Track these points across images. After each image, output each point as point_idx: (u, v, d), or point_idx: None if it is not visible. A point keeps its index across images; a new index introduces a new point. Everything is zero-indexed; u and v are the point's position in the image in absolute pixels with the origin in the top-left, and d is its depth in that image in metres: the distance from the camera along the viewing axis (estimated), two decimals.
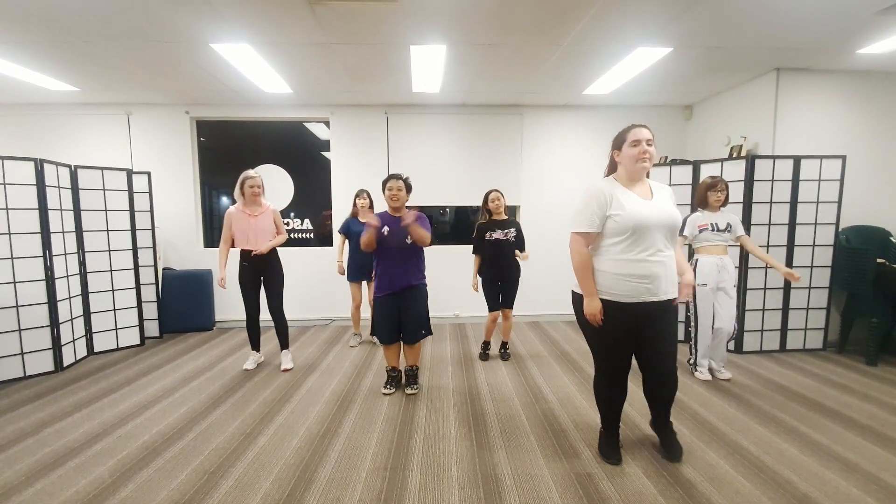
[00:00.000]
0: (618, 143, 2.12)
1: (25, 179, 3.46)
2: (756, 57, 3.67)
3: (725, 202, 3.25)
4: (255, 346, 3.70)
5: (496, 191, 3.72)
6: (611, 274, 2.06)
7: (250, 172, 3.43)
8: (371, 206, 4.10)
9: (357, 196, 4.10)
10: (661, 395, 2.25)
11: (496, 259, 3.64)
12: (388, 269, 3.01)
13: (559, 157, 5.23)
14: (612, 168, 2.22)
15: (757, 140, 4.14)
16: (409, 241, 2.98)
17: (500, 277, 3.69)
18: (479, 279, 3.73)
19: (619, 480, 2.08)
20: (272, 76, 4.00)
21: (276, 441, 2.46)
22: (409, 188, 3.05)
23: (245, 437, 2.50)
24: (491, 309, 3.73)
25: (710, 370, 3.36)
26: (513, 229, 3.67)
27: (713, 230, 3.19)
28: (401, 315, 3.05)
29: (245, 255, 3.44)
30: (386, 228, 2.97)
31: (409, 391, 3.13)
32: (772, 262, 3.14)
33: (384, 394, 3.10)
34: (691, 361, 3.41)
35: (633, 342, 2.13)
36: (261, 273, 3.51)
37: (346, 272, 4.17)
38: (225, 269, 3.44)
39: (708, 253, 3.23)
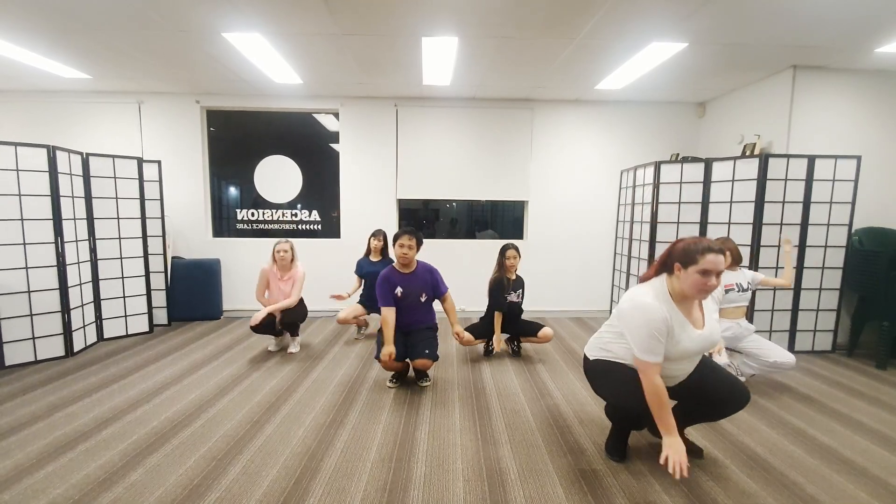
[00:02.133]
0: (685, 260, 1.80)
1: (38, 166, 3.49)
2: (773, 54, 3.61)
3: (738, 262, 3.03)
4: (275, 335, 3.86)
5: (514, 248, 3.67)
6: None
7: (281, 240, 3.73)
8: (385, 247, 4.16)
9: (372, 237, 4.19)
10: (710, 415, 2.18)
11: (509, 320, 3.73)
12: (401, 319, 3.02)
13: (569, 152, 5.19)
14: (659, 268, 1.94)
15: (771, 139, 4.09)
16: (422, 300, 3.07)
17: (506, 331, 3.79)
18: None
19: (623, 477, 2.08)
20: (283, 66, 3.99)
21: (283, 430, 2.48)
22: (419, 243, 3.02)
23: (252, 425, 2.52)
24: (478, 337, 3.73)
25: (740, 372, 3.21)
26: (520, 290, 3.74)
27: (738, 290, 2.99)
28: (410, 344, 3.07)
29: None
30: (399, 290, 3.00)
31: (421, 384, 3.15)
32: (787, 268, 3.18)
33: (389, 387, 3.11)
34: None
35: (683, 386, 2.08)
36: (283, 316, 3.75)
37: (349, 296, 4.20)
38: (264, 315, 3.61)
39: (726, 316, 3.01)
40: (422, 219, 5.58)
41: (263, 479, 2.03)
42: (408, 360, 3.11)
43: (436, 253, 4.33)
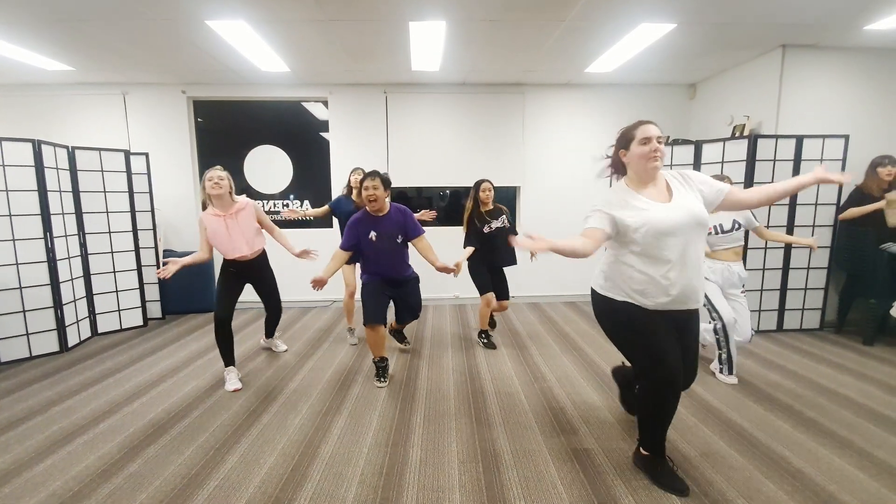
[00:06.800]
0: (624, 142, 1.89)
1: (24, 161, 3.44)
2: (762, 33, 3.60)
3: None
4: (230, 359, 3.00)
5: (488, 181, 3.69)
6: (637, 289, 1.83)
7: (214, 168, 2.90)
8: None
9: (352, 173, 3.95)
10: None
11: (494, 249, 3.60)
12: (379, 267, 3.03)
13: (561, 136, 5.18)
14: (616, 167, 1.99)
15: (760, 119, 4.10)
16: (398, 241, 2.98)
17: (493, 267, 3.69)
18: (467, 264, 3.64)
19: (615, 455, 2.13)
20: (269, 54, 3.93)
21: (280, 418, 2.51)
22: (387, 184, 2.94)
23: (249, 415, 2.55)
24: (483, 291, 3.65)
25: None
26: (503, 216, 3.68)
27: (717, 233, 2.88)
28: (398, 302, 3.18)
29: (230, 262, 2.96)
30: (373, 234, 2.92)
31: (402, 347, 3.47)
32: (791, 240, 3.21)
33: (378, 387, 2.93)
34: (723, 358, 2.96)
35: (674, 330, 1.85)
36: (248, 281, 3.07)
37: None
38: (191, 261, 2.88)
39: (715, 258, 2.94)
40: (415, 207, 5.56)
41: (261, 467, 2.06)
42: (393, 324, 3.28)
43: (430, 241, 4.32)
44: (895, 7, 3.10)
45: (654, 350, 1.82)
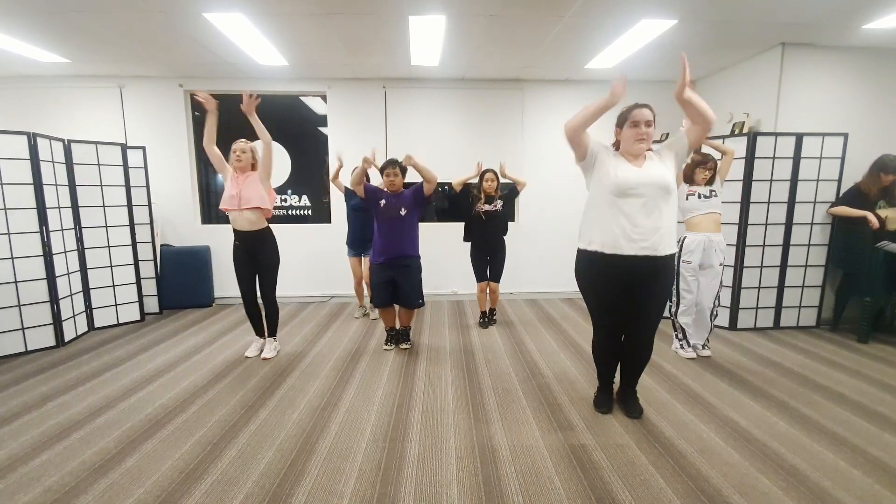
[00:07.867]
0: (620, 122, 2.22)
1: (19, 154, 3.41)
2: (762, 31, 3.59)
3: (711, 181, 3.25)
4: (260, 330, 3.43)
5: (491, 171, 3.91)
6: (599, 227, 2.21)
7: (241, 140, 3.38)
8: (367, 180, 4.06)
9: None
10: (632, 361, 2.44)
11: (483, 231, 3.93)
12: (384, 237, 3.34)
13: (560, 133, 5.11)
14: (617, 146, 2.35)
15: (760, 117, 4.10)
16: (402, 213, 3.29)
17: (486, 250, 3.99)
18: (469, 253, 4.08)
19: (612, 451, 2.14)
20: (267, 48, 3.91)
21: (278, 413, 2.51)
22: (404, 172, 3.40)
23: (247, 410, 2.55)
24: (479, 280, 4.06)
25: (693, 346, 3.37)
26: (500, 202, 3.91)
27: (699, 197, 3.22)
28: (397, 284, 3.37)
29: (237, 234, 3.23)
30: (383, 201, 3.33)
31: (403, 346, 3.56)
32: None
33: (385, 349, 3.51)
34: (679, 337, 3.37)
35: (625, 300, 2.25)
36: (253, 253, 3.24)
37: (347, 241, 4.25)
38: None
39: (696, 229, 3.22)
40: None
41: (259, 462, 2.06)
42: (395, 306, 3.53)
43: (427, 236, 4.32)
44: (894, 6, 3.10)
45: (599, 309, 2.36)
